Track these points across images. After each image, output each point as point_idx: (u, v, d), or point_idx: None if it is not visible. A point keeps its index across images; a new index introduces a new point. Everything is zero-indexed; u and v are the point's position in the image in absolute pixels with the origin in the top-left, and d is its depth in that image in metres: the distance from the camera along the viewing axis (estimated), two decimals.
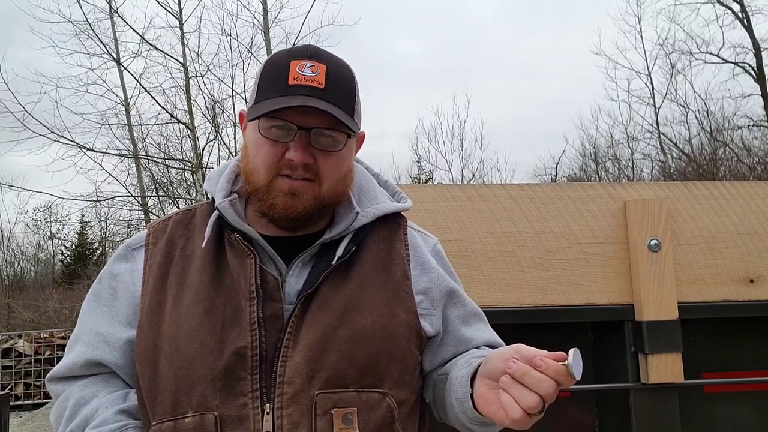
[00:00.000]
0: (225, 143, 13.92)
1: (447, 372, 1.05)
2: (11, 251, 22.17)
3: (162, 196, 15.49)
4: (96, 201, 14.03)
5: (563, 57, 31.26)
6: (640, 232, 1.81)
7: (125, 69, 13.56)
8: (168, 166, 14.99)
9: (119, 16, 13.14)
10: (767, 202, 1.91)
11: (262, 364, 0.94)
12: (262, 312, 0.96)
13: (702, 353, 1.90)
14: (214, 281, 1.00)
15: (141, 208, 14.90)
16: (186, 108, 13.32)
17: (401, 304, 1.02)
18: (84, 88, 13.19)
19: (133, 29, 12.99)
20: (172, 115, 13.47)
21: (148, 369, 0.98)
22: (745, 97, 17.25)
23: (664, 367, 1.75)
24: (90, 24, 12.96)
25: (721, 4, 17.24)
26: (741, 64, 17.23)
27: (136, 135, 14.22)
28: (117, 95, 13.87)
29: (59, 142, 12.37)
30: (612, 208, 1.88)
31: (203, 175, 12.84)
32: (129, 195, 14.45)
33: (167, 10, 13.10)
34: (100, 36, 13.20)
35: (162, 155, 14.72)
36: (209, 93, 13.80)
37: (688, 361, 1.78)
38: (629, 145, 19.56)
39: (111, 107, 13.72)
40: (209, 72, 13.47)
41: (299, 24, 18.04)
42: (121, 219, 16.05)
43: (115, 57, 13.47)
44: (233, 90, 13.66)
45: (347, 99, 1.00)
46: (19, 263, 22.83)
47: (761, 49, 16.80)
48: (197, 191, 13.97)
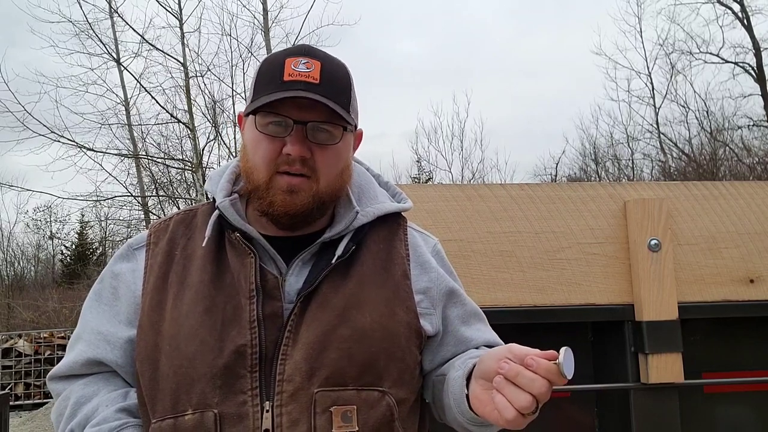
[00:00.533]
0: (225, 143, 13.96)
1: (445, 373, 1.05)
2: (11, 251, 22.22)
3: (162, 196, 15.51)
4: (96, 201, 14.06)
5: (563, 57, 31.33)
6: (640, 232, 1.82)
7: (125, 69, 13.59)
8: (168, 166, 15.02)
9: (119, 15, 13.17)
10: (767, 202, 1.91)
11: (261, 362, 0.94)
12: (261, 310, 0.96)
13: (702, 353, 1.90)
14: (214, 280, 1.00)
15: (141, 208, 14.91)
16: (186, 108, 13.35)
17: (401, 303, 1.02)
18: (84, 88, 13.23)
19: (133, 29, 13.03)
20: (172, 115, 13.49)
21: (148, 367, 0.98)
22: (745, 97, 17.29)
23: (664, 367, 1.75)
24: (90, 24, 13.00)
25: (721, 4, 17.26)
26: (741, 64, 17.25)
27: (136, 135, 14.25)
28: (117, 95, 13.92)
29: (59, 142, 12.42)
30: (612, 208, 1.88)
31: (203, 175, 12.85)
32: (129, 195, 14.48)
33: (167, 10, 13.13)
34: (100, 36, 13.24)
35: (162, 155, 14.75)
36: (209, 93, 13.84)
37: (688, 361, 1.78)
38: (629, 145, 19.60)
39: (111, 107, 13.77)
40: (209, 72, 13.51)
41: (299, 24, 18.03)
42: (121, 219, 16.10)
43: (115, 57, 13.49)
44: (233, 90, 13.69)
45: (342, 94, 1.01)
46: (19, 263, 22.88)
47: (761, 49, 16.82)
48: (197, 191, 13.97)
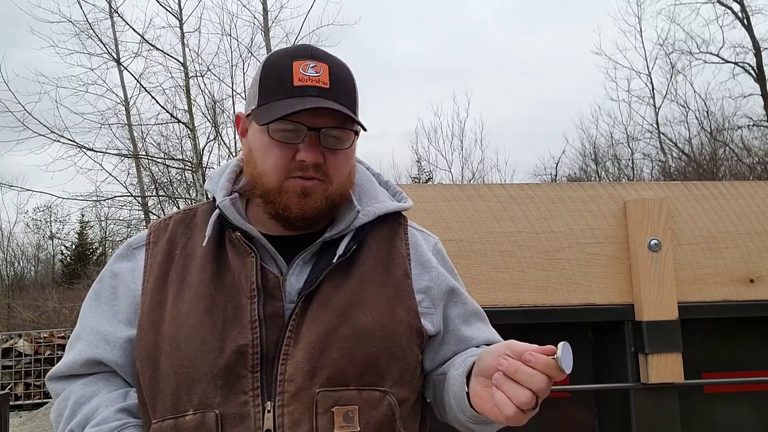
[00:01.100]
0: (225, 143, 13.95)
1: (446, 372, 1.05)
2: (11, 251, 22.21)
3: (162, 195, 15.50)
4: (96, 201, 14.07)
5: (563, 57, 31.30)
6: (640, 232, 1.81)
7: (125, 69, 13.58)
8: (168, 165, 15.02)
9: (119, 15, 13.16)
10: (767, 202, 1.91)
11: (262, 362, 0.94)
12: (262, 310, 0.96)
13: (702, 353, 1.89)
14: (214, 280, 1.00)
15: (141, 208, 14.90)
16: (186, 108, 13.34)
17: (402, 302, 1.02)
18: (84, 88, 13.23)
19: (133, 29, 13.02)
20: (172, 115, 13.49)
21: (148, 367, 0.98)
22: (745, 97, 17.28)
23: (664, 367, 1.75)
24: (90, 24, 13.00)
25: (721, 4, 17.25)
26: (741, 64, 17.24)
27: (136, 135, 14.24)
28: (117, 95, 13.91)
29: (59, 141, 12.41)
30: (612, 208, 1.88)
31: (203, 175, 12.84)
32: (129, 195, 14.48)
33: (167, 9, 13.13)
34: (100, 36, 13.24)
35: (162, 155, 14.74)
36: (209, 93, 13.84)
37: (688, 361, 1.78)
38: (629, 145, 19.58)
39: (111, 107, 13.77)
40: (209, 72, 13.50)
41: (299, 24, 18.06)
42: (121, 219, 16.12)
43: (115, 57, 13.48)
44: (233, 90, 13.68)
45: (351, 97, 1.02)
46: (19, 263, 22.87)
47: (761, 49, 16.81)
48: (197, 191, 13.97)
